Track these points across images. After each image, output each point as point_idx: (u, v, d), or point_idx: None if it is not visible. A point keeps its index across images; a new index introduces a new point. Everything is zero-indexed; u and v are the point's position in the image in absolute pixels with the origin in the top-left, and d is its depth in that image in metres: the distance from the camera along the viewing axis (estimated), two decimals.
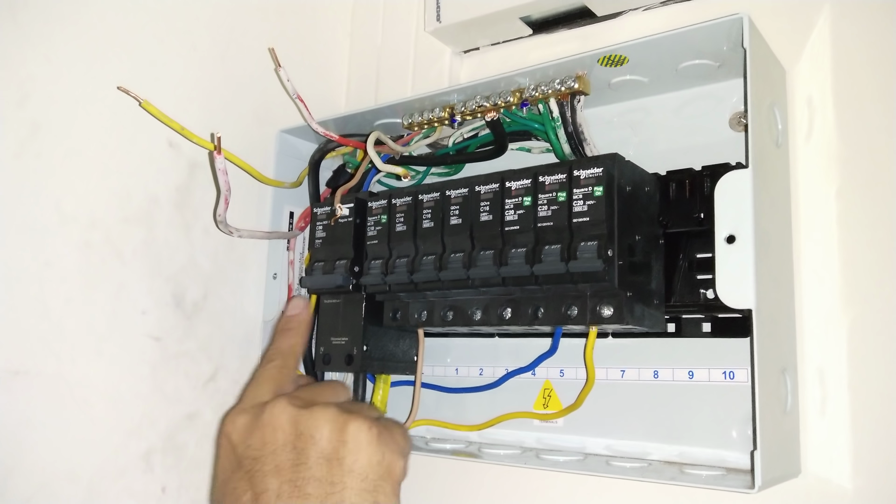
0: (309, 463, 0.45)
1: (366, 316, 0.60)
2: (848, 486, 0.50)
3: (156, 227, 0.60)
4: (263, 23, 0.69)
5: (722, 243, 0.46)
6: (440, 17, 0.67)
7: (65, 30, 0.55)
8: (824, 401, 0.51)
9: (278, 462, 0.46)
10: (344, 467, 0.45)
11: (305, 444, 0.46)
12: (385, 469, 0.46)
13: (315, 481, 0.45)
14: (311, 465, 0.45)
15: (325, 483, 0.45)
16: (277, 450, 0.46)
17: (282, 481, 0.45)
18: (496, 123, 0.58)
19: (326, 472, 0.45)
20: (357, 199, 0.60)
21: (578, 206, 0.49)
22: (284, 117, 0.69)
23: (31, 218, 0.53)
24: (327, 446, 0.46)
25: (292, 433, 0.47)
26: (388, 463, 0.47)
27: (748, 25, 0.47)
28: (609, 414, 0.58)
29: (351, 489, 0.45)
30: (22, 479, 0.52)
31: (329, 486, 0.45)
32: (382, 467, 0.46)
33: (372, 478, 0.46)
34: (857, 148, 0.53)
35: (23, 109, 0.53)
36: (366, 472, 0.46)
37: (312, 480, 0.45)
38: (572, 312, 0.50)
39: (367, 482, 0.45)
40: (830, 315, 0.52)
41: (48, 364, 0.53)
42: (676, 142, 0.58)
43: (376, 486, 0.46)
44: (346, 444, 0.46)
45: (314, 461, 0.45)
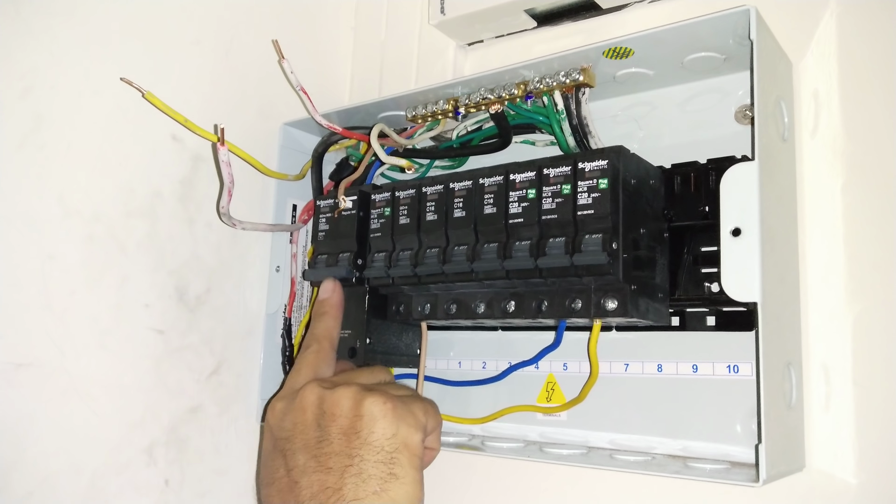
0: (330, 438, 0.48)
1: (369, 309, 0.60)
2: (852, 480, 0.50)
3: (159, 220, 0.60)
4: (267, 15, 0.69)
5: (727, 236, 0.46)
6: (444, 10, 0.66)
7: (68, 22, 0.55)
8: (828, 395, 0.51)
9: (306, 440, 0.49)
10: (360, 440, 0.48)
11: (328, 422, 0.49)
12: (401, 441, 0.48)
13: (335, 455, 0.47)
14: (332, 441, 0.48)
15: (343, 456, 0.47)
16: (306, 429, 0.49)
17: (308, 457, 0.48)
18: (500, 116, 0.58)
19: (346, 445, 0.48)
20: (360, 192, 0.60)
21: (583, 199, 0.49)
22: (288, 110, 0.69)
23: (34, 211, 0.53)
24: (345, 422, 0.48)
25: (318, 412, 0.50)
26: (404, 436, 0.48)
27: (755, 18, 0.46)
28: (613, 408, 0.58)
29: (367, 461, 0.47)
30: (25, 473, 0.52)
31: (347, 459, 0.47)
32: (398, 440, 0.48)
33: (388, 449, 0.48)
34: (862, 143, 0.52)
35: (25, 101, 0.53)
36: (381, 444, 0.48)
37: (333, 455, 0.47)
38: (576, 306, 0.50)
39: (382, 454, 0.47)
40: (835, 309, 0.52)
41: (51, 357, 0.53)
42: (681, 135, 0.58)
43: (392, 458, 0.47)
44: (363, 419, 0.48)
45: (335, 436, 0.48)
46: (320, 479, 0.47)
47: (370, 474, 0.47)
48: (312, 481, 0.47)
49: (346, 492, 0.46)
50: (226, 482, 0.64)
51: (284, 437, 0.50)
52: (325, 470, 0.47)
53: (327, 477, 0.47)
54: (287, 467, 0.49)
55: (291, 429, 0.50)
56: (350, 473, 0.47)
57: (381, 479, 0.47)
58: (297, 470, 0.48)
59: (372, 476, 0.47)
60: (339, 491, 0.46)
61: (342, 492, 0.46)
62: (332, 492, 0.46)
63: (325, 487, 0.47)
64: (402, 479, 0.47)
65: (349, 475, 0.47)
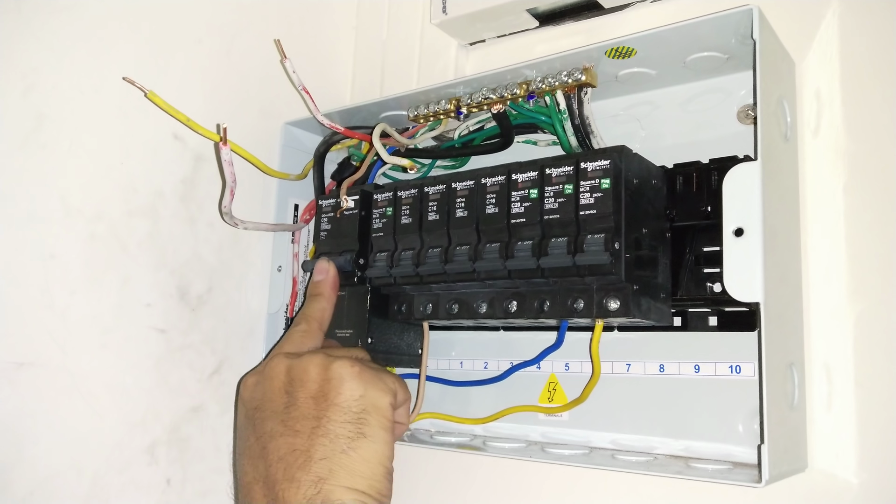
0: (298, 403, 0.49)
1: (370, 308, 0.60)
2: (854, 480, 0.50)
3: (160, 219, 0.60)
4: (269, 15, 0.69)
5: (730, 236, 0.46)
6: (446, 9, 0.66)
7: (69, 20, 0.55)
8: (830, 395, 0.51)
9: (274, 406, 0.49)
10: (328, 402, 0.48)
11: (296, 388, 0.49)
12: (369, 402, 0.49)
13: (303, 419, 0.48)
14: (300, 405, 0.49)
15: (311, 419, 0.48)
16: (274, 396, 0.50)
17: (276, 422, 0.49)
18: (502, 116, 0.58)
19: (313, 408, 0.48)
20: (362, 192, 0.60)
21: (585, 199, 0.49)
22: (289, 110, 0.69)
23: (36, 210, 0.53)
24: (314, 386, 0.49)
25: (286, 380, 0.50)
26: (372, 397, 0.49)
27: (758, 17, 0.46)
28: (615, 408, 0.58)
29: (335, 421, 0.47)
30: (26, 472, 0.52)
31: (315, 421, 0.48)
32: (366, 400, 0.49)
33: (355, 410, 0.48)
34: (864, 142, 0.52)
35: (27, 100, 0.53)
36: (349, 405, 0.48)
37: (301, 418, 0.48)
38: (578, 306, 0.50)
39: (349, 414, 0.48)
40: (837, 309, 0.52)
41: (52, 356, 0.53)
42: (684, 135, 0.58)
43: (359, 418, 0.48)
44: (330, 382, 0.49)
45: (302, 401, 0.49)
46: (288, 442, 0.47)
47: (338, 434, 0.47)
48: (280, 444, 0.48)
49: (314, 452, 0.46)
50: (227, 481, 0.64)
51: (254, 407, 0.51)
52: (293, 433, 0.48)
53: (295, 440, 0.47)
54: (256, 435, 0.49)
55: (261, 398, 0.51)
56: (318, 434, 0.47)
57: (350, 439, 0.47)
58: (266, 436, 0.49)
59: (340, 436, 0.47)
60: (307, 452, 0.47)
61: (310, 452, 0.47)
62: (300, 453, 0.47)
63: (294, 450, 0.47)
64: (371, 438, 0.48)
65: (317, 436, 0.47)
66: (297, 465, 0.47)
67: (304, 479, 0.46)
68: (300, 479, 0.46)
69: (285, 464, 0.47)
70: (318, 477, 0.46)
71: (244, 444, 0.51)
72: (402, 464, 0.69)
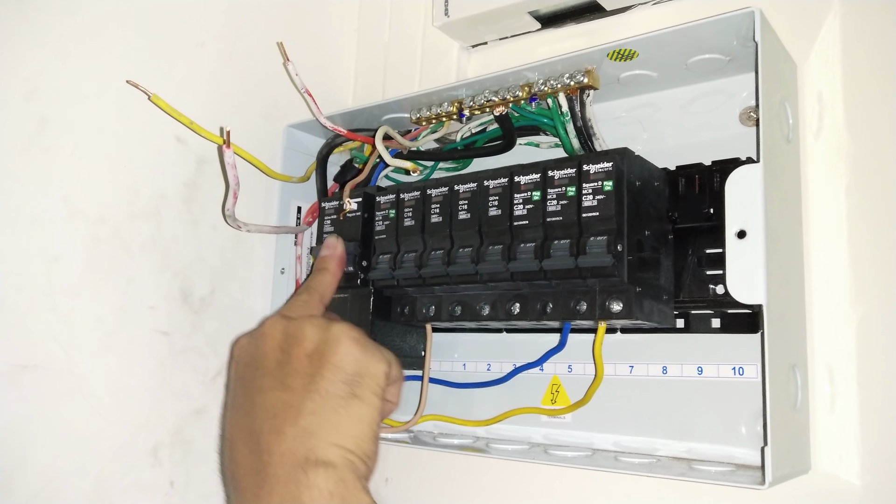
0: (291, 360, 0.48)
1: (373, 311, 0.60)
2: (857, 482, 0.50)
3: (163, 222, 0.60)
4: (271, 18, 0.69)
5: (732, 238, 0.46)
6: (448, 12, 0.67)
7: (73, 24, 0.55)
8: (833, 397, 0.51)
9: (266, 363, 0.49)
10: (323, 360, 0.48)
11: (290, 345, 0.49)
12: (364, 366, 0.48)
13: (296, 374, 0.47)
14: (293, 362, 0.48)
15: (304, 375, 0.47)
16: (268, 353, 0.49)
17: (267, 378, 0.48)
18: (504, 118, 0.58)
19: (307, 365, 0.48)
20: (365, 194, 0.60)
21: (588, 201, 0.49)
22: (292, 112, 0.69)
23: (40, 212, 0.53)
24: (310, 345, 0.48)
25: (281, 338, 0.50)
26: (368, 362, 0.48)
27: (760, 19, 0.46)
28: (617, 410, 0.58)
29: (328, 380, 0.47)
30: (30, 474, 0.52)
31: (308, 378, 0.47)
32: (361, 364, 0.48)
33: (349, 371, 0.48)
34: (866, 144, 0.52)
35: (31, 104, 0.53)
36: (343, 365, 0.48)
37: (294, 374, 0.47)
38: (581, 307, 0.50)
39: (343, 374, 0.47)
40: (840, 311, 0.52)
41: (56, 358, 0.53)
42: (686, 137, 0.58)
43: (353, 380, 0.47)
44: (328, 342, 0.48)
45: (296, 358, 0.48)
46: (278, 397, 0.47)
47: (330, 392, 0.47)
48: (269, 398, 0.47)
49: (304, 407, 0.46)
50: None
51: (245, 363, 0.50)
52: (283, 388, 0.47)
53: (286, 394, 0.47)
54: (245, 389, 0.49)
55: (253, 354, 0.50)
56: (310, 390, 0.47)
57: (341, 398, 0.47)
58: (255, 390, 0.48)
59: (332, 394, 0.47)
60: (297, 407, 0.46)
61: (300, 407, 0.46)
62: (290, 408, 0.46)
63: (283, 403, 0.47)
64: (363, 399, 0.47)
65: (308, 392, 0.47)
66: (286, 419, 0.46)
67: (290, 432, 0.45)
68: (287, 431, 0.45)
69: (273, 417, 0.46)
70: (306, 431, 0.45)
71: (232, 400, 0.50)
72: (405, 465, 0.69)
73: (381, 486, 0.70)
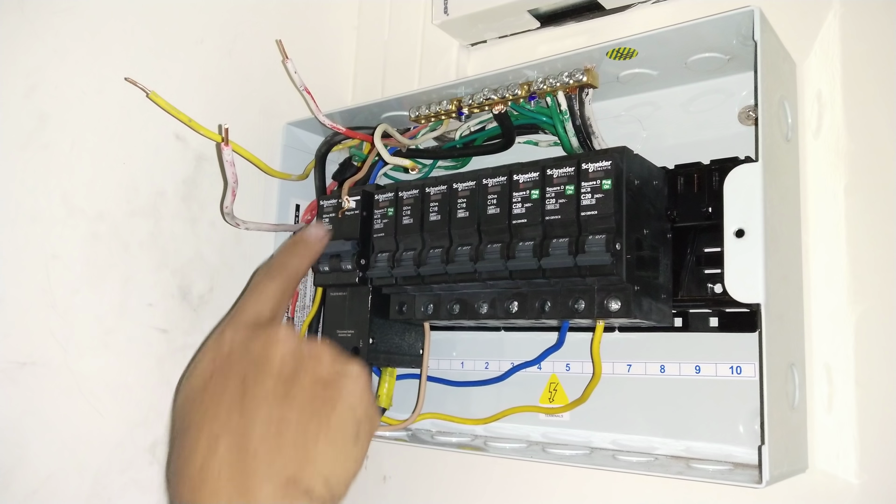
0: (303, 380, 0.47)
1: (372, 309, 0.60)
2: (854, 481, 0.50)
3: (162, 219, 0.60)
4: (270, 15, 0.69)
5: (731, 237, 0.46)
6: (448, 10, 0.66)
7: (72, 21, 0.55)
8: (831, 396, 0.51)
9: (277, 369, 0.47)
10: (339, 394, 0.47)
11: (306, 364, 0.48)
12: (371, 412, 0.48)
13: (307, 397, 0.46)
14: (305, 383, 0.47)
15: (317, 398, 0.46)
16: (276, 361, 0.47)
17: (275, 387, 0.46)
18: (503, 116, 0.58)
19: (321, 391, 0.47)
20: (364, 192, 0.60)
21: (587, 200, 0.49)
22: (291, 110, 0.69)
23: (39, 210, 0.53)
24: (325, 371, 0.48)
25: (296, 351, 0.48)
26: (374, 409, 0.49)
27: (759, 18, 0.46)
28: (615, 408, 0.58)
29: (341, 416, 0.47)
30: (28, 471, 0.52)
31: (319, 402, 0.46)
32: (369, 410, 0.48)
33: (359, 414, 0.47)
34: (865, 143, 0.52)
35: (30, 100, 0.53)
36: (356, 406, 0.47)
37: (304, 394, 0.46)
38: (579, 306, 0.50)
39: (354, 415, 0.47)
40: (838, 310, 0.52)
41: (54, 356, 0.53)
42: (685, 135, 0.58)
43: (360, 423, 0.47)
44: (346, 377, 0.48)
45: (310, 380, 0.47)
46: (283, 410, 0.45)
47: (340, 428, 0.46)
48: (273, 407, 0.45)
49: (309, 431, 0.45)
50: None
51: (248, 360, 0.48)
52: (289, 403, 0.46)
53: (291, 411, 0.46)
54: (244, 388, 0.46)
55: (261, 355, 0.48)
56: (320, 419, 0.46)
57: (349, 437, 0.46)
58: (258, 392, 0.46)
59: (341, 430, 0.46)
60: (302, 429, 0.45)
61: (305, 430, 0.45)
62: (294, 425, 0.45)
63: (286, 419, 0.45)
64: (362, 445, 0.47)
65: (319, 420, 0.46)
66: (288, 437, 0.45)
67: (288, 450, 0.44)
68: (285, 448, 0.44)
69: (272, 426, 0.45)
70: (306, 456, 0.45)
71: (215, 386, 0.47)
72: (403, 463, 0.70)
73: (380, 484, 0.70)
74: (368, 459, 0.72)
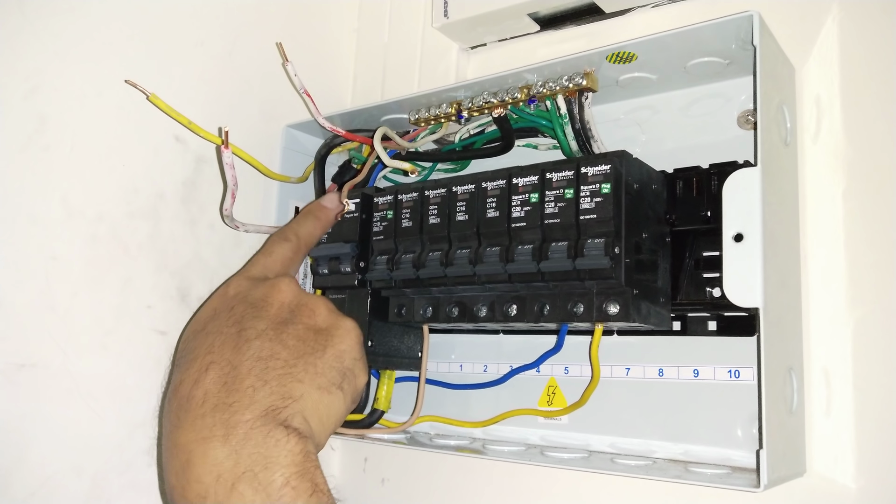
0: (297, 325, 0.49)
1: (371, 311, 0.60)
2: (852, 485, 0.50)
3: (162, 221, 0.60)
4: (270, 18, 0.69)
5: (730, 241, 0.46)
6: (447, 13, 0.67)
7: (72, 23, 0.55)
8: (829, 400, 0.51)
9: (270, 314, 0.49)
10: (329, 342, 0.49)
11: (301, 312, 0.50)
12: (358, 368, 0.50)
13: (298, 340, 0.48)
14: (298, 327, 0.49)
15: (306, 343, 0.48)
16: (273, 306, 0.49)
17: (267, 326, 0.48)
18: (503, 120, 0.58)
19: (312, 338, 0.49)
20: (363, 195, 0.60)
21: (586, 204, 0.49)
22: (290, 112, 0.69)
23: (38, 211, 0.53)
24: (321, 321, 0.50)
25: (294, 301, 0.50)
26: (362, 367, 0.50)
27: (758, 23, 0.46)
28: (614, 412, 0.58)
29: (327, 362, 0.48)
30: (27, 473, 0.52)
31: (309, 348, 0.48)
32: (357, 365, 0.50)
33: (346, 365, 0.49)
34: (864, 148, 0.52)
35: (30, 102, 0.53)
36: (344, 357, 0.49)
37: (295, 338, 0.48)
38: (578, 310, 0.50)
39: (341, 364, 0.49)
40: (836, 314, 0.52)
41: (53, 358, 0.53)
42: (684, 139, 0.58)
43: (345, 374, 0.49)
44: (338, 329, 0.50)
45: (303, 326, 0.49)
46: (273, 347, 0.47)
47: (325, 373, 0.47)
48: (265, 344, 0.47)
49: (296, 370, 0.46)
50: None
51: (249, 303, 0.49)
52: (281, 343, 0.47)
53: (282, 350, 0.47)
54: (239, 325, 0.48)
55: (261, 299, 0.50)
56: (307, 361, 0.47)
57: (331, 383, 0.48)
58: (250, 329, 0.47)
59: (325, 375, 0.47)
60: (289, 367, 0.46)
61: (291, 369, 0.46)
62: (281, 363, 0.46)
63: (275, 356, 0.46)
64: (346, 396, 0.49)
65: (305, 361, 0.47)
66: (274, 371, 0.46)
67: (274, 385, 0.45)
68: (271, 382, 0.45)
69: (261, 361, 0.46)
70: (289, 393, 0.45)
71: (215, 326, 0.49)
72: (401, 466, 0.70)
73: (378, 486, 0.70)
74: (367, 462, 0.72)
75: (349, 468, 0.73)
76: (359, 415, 0.62)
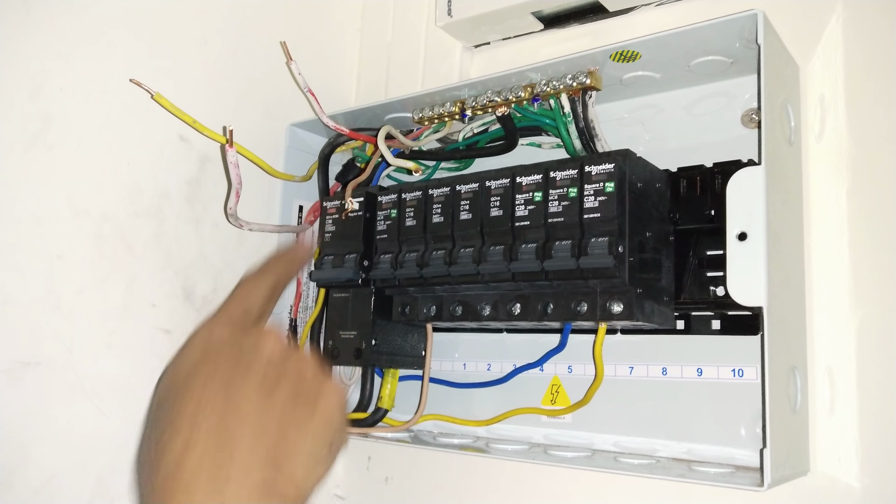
0: (288, 390, 0.48)
1: (375, 310, 0.60)
2: (856, 484, 0.50)
3: (166, 220, 0.60)
4: (274, 17, 0.69)
5: (733, 240, 0.46)
6: (451, 12, 0.67)
7: (77, 22, 0.55)
8: (833, 399, 0.51)
9: (261, 372, 0.48)
10: (316, 405, 0.48)
11: (290, 373, 0.48)
12: (343, 430, 0.49)
13: (286, 405, 0.47)
14: (288, 392, 0.48)
15: (297, 408, 0.47)
16: (267, 362, 0.48)
17: (257, 388, 0.47)
18: (507, 118, 0.58)
19: (302, 403, 0.48)
20: (367, 194, 0.60)
21: (589, 202, 0.49)
22: (294, 111, 0.69)
23: (43, 210, 0.53)
24: (309, 385, 0.49)
25: (281, 359, 0.49)
26: (342, 435, 0.50)
27: (762, 22, 0.46)
28: (617, 410, 0.58)
29: (319, 429, 0.47)
30: (31, 471, 0.52)
31: (299, 413, 0.47)
32: (342, 428, 0.49)
33: (334, 429, 0.48)
34: (868, 147, 0.52)
35: (35, 102, 0.53)
36: (333, 422, 0.48)
37: (284, 403, 0.47)
38: (582, 308, 0.50)
39: (330, 430, 0.48)
40: (840, 313, 0.52)
41: (58, 356, 0.53)
42: (688, 138, 0.58)
43: (334, 439, 0.48)
44: (326, 392, 0.49)
45: (293, 385, 0.48)
46: (261, 417, 0.46)
47: (317, 440, 0.47)
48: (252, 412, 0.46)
49: (288, 438, 0.46)
50: None
51: (234, 357, 0.48)
52: (270, 412, 0.46)
53: (270, 420, 0.46)
54: (228, 387, 0.47)
55: (250, 351, 0.49)
56: (300, 429, 0.46)
57: (323, 449, 0.47)
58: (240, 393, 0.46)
59: (313, 440, 0.47)
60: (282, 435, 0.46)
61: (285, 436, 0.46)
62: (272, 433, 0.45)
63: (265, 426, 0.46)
64: (332, 458, 0.48)
65: (294, 428, 0.46)
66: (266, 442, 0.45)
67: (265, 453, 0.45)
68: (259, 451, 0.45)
69: (253, 433, 0.45)
70: (279, 461, 0.45)
71: (197, 380, 0.47)
72: (405, 465, 0.70)
73: (382, 485, 0.70)
74: (371, 460, 0.72)
75: (353, 466, 0.73)
76: (362, 413, 0.63)
